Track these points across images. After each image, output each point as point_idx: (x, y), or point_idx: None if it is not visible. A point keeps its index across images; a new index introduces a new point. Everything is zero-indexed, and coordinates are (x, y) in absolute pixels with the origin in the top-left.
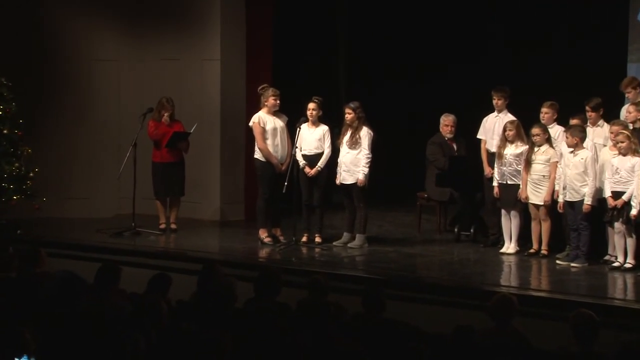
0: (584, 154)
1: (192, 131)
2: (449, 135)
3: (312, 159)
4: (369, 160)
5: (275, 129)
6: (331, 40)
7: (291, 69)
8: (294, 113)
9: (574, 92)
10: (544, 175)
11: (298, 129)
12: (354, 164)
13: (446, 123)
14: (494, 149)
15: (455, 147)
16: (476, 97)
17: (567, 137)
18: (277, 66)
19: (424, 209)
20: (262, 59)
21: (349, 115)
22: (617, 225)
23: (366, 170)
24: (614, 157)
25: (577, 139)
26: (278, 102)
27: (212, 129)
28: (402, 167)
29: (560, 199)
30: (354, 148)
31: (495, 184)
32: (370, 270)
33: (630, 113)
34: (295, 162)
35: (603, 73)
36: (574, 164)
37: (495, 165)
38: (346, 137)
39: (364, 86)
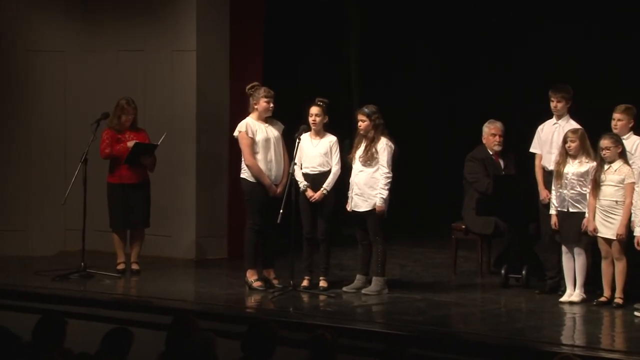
0: None
1: (159, 143)
2: (495, 149)
3: (315, 179)
4: (388, 180)
5: (267, 140)
6: (340, 29)
7: (289, 64)
8: (292, 120)
9: None
10: (616, 201)
11: (297, 141)
12: (369, 185)
13: (493, 132)
14: (551, 167)
15: (502, 164)
16: (528, 100)
17: None
18: (271, 60)
19: (461, 244)
20: (251, 50)
21: (362, 122)
22: None
23: (385, 193)
24: None
25: None
26: (272, 105)
27: (186, 140)
28: (432, 190)
29: (638, 232)
30: (370, 165)
31: (553, 211)
32: (391, 324)
33: None
34: (294, 183)
35: None
36: None
37: (553, 188)
38: (359, 151)
39: (382, 86)
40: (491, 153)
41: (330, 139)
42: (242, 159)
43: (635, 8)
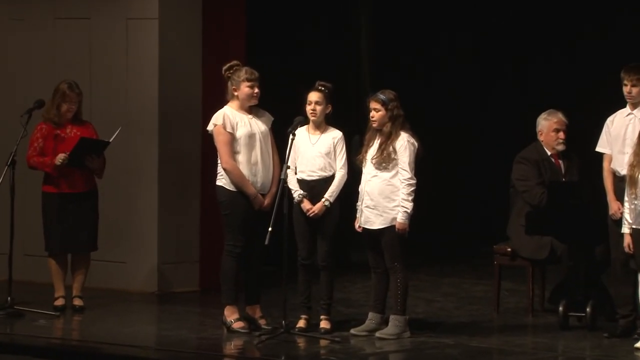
0: None
1: (111, 140)
2: (559, 148)
3: (314, 188)
4: (412, 188)
5: (252, 136)
6: None
7: (280, 37)
8: (284, 110)
9: None
10: None
11: (291, 137)
12: (385, 195)
13: (555, 127)
14: (624, 171)
15: (562, 167)
16: (595, 84)
17: None
18: (257, 32)
19: (505, 272)
20: (230, 20)
21: (377, 112)
22: None
23: (409, 205)
24: None
25: None
26: (256, 91)
27: (146, 137)
28: (466, 201)
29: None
30: (386, 168)
31: (626, 230)
32: None
33: None
34: (287, 192)
35: None
36: None
37: (626, 199)
38: (372, 150)
39: (402, 69)
40: (549, 153)
41: (334, 135)
42: (219, 161)
43: None
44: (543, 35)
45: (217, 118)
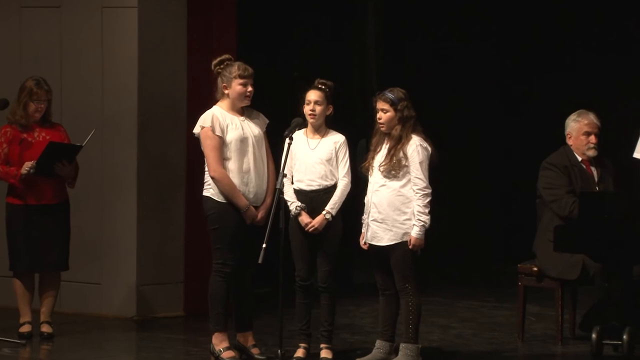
0: None
1: (84, 144)
2: (590, 153)
3: (314, 199)
4: (428, 199)
5: (244, 141)
6: None
7: (277, 30)
8: (280, 111)
9: None
10: None
11: (288, 141)
12: (395, 207)
13: (586, 129)
14: None
15: (595, 175)
16: (635, 81)
17: None
18: (250, 24)
19: (531, 295)
20: (219, 8)
21: (384, 113)
22: None
23: (425, 219)
24: None
25: None
26: (250, 90)
27: (124, 140)
28: (485, 213)
29: None
30: (396, 177)
31: None
32: None
33: None
34: (283, 204)
35: None
36: None
37: None
38: (379, 156)
39: (413, 66)
40: (580, 159)
41: (336, 139)
42: (206, 169)
43: None
44: (574, 25)
45: (204, 120)
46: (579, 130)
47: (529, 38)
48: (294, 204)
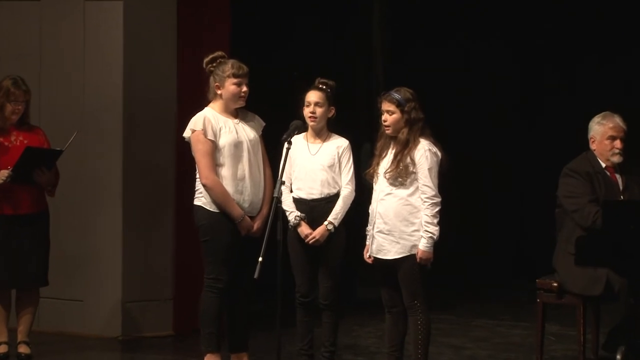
0: None
1: (65, 148)
2: (614, 160)
3: (315, 209)
4: (437, 208)
5: (238, 146)
6: None
7: (274, 25)
8: (278, 114)
9: None
10: None
11: (287, 146)
12: (402, 217)
13: (608, 133)
14: None
15: (620, 182)
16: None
17: None
18: (245, 18)
19: (551, 312)
20: (211, 2)
21: (390, 115)
22: None
23: (434, 230)
24: None
25: None
26: (245, 90)
27: (108, 144)
28: (501, 225)
29: None
30: (402, 184)
31: None
32: None
33: None
34: (282, 214)
35: None
36: None
37: None
38: (385, 162)
39: (420, 64)
40: (604, 165)
41: (339, 144)
42: (197, 176)
43: None
44: (597, 24)
45: (195, 122)
46: (603, 134)
47: (539, 37)
48: (292, 213)
